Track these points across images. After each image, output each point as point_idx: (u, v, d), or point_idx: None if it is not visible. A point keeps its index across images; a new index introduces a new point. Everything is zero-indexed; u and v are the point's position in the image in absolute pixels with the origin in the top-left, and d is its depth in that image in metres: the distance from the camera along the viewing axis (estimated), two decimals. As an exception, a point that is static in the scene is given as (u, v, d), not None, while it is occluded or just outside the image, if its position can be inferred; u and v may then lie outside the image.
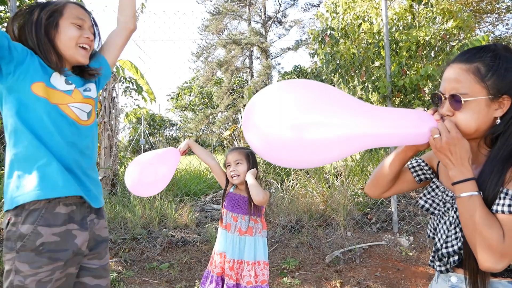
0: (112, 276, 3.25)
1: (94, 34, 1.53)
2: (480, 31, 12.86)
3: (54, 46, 1.41)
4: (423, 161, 1.28)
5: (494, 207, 0.98)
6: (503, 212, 0.96)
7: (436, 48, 5.28)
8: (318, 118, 0.95)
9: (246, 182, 2.22)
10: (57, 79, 1.41)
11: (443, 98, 1.08)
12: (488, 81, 1.01)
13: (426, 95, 4.86)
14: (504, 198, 0.97)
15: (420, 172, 1.28)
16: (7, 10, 4.84)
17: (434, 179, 1.22)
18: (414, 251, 3.90)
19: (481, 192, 1.01)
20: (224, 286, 2.17)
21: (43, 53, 1.39)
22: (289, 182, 5.30)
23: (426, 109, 1.10)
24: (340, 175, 5.28)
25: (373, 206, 4.88)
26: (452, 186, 1.05)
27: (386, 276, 3.37)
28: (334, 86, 6.34)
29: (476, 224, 0.97)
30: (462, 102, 1.02)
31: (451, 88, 1.06)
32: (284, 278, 3.30)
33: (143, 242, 4.03)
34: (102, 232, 1.55)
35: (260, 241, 2.24)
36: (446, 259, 1.08)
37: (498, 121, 1.03)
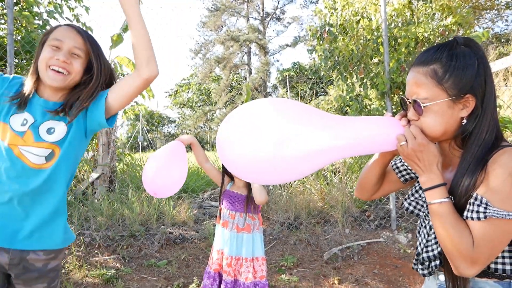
0: (110, 273, 3.25)
1: (90, 58, 1.41)
2: (480, 28, 12.84)
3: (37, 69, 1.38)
4: None
5: (465, 213, 0.96)
6: (472, 218, 0.94)
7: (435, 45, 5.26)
8: (291, 132, 0.95)
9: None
10: (15, 118, 1.35)
11: (408, 103, 1.06)
12: (446, 83, 0.98)
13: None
14: (473, 204, 0.94)
15: (404, 172, 1.27)
16: (4, 7, 4.80)
17: (418, 179, 1.20)
18: (412, 248, 3.90)
19: (451, 197, 0.99)
20: (222, 282, 2.18)
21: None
22: (288, 179, 5.29)
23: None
24: (339, 172, 5.27)
25: (372, 203, 4.88)
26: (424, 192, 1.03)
27: (384, 273, 3.37)
28: (332, 82, 6.32)
29: (446, 230, 0.96)
30: (422, 107, 1.00)
31: (412, 92, 1.04)
32: (282, 275, 3.30)
33: (141, 239, 4.02)
34: (38, 263, 1.37)
35: (258, 237, 2.25)
36: (428, 263, 1.07)
37: (465, 121, 1.00)
